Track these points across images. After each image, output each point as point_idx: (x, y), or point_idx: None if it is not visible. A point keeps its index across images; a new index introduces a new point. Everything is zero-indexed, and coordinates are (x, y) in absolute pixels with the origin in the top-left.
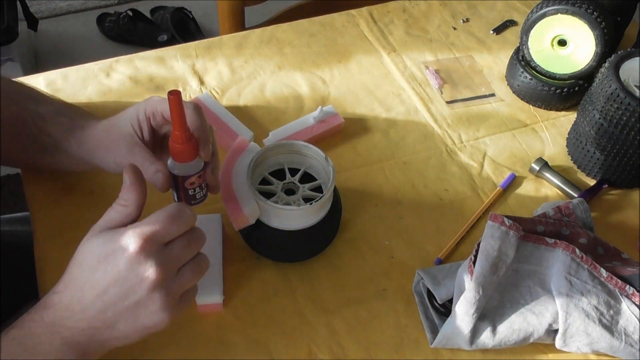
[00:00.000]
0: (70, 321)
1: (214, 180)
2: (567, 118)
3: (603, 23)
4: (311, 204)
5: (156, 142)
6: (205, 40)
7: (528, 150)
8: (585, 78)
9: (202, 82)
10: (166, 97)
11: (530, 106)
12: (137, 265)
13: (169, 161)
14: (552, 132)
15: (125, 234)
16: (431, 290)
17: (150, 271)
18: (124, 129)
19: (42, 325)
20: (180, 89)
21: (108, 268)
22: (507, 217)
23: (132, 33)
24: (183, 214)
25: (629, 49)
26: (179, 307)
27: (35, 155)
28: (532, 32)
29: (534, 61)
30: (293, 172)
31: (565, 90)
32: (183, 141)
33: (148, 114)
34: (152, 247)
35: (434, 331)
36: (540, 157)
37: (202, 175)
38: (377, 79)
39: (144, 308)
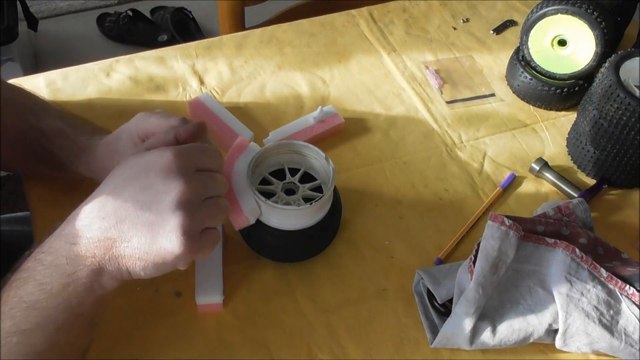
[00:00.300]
0: (88, 230)
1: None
2: (567, 118)
3: (603, 23)
4: (311, 204)
5: None
6: (205, 40)
7: (528, 150)
8: (585, 78)
9: (202, 82)
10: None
11: (530, 106)
12: (166, 176)
13: None
14: (552, 132)
15: (161, 149)
16: (431, 290)
17: (177, 184)
18: (124, 146)
19: (61, 238)
20: (181, 89)
21: (140, 178)
22: (507, 217)
23: (132, 33)
24: (213, 150)
25: (629, 49)
26: (198, 242)
27: (38, 167)
28: (532, 32)
29: (534, 61)
30: (293, 172)
31: (565, 90)
32: None
33: (141, 136)
34: (184, 164)
35: (434, 331)
36: (540, 157)
37: None
38: (377, 79)
39: (162, 224)
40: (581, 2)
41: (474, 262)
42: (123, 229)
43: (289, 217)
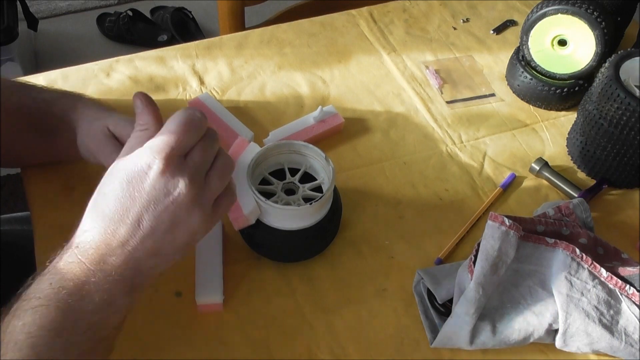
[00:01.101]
0: (112, 258)
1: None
2: (567, 118)
3: (603, 23)
4: (311, 204)
5: None
6: (205, 40)
7: (528, 150)
8: (585, 78)
9: (202, 82)
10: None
11: (530, 106)
12: (165, 185)
13: None
14: (552, 132)
15: (144, 154)
16: (431, 290)
17: (180, 187)
18: (107, 127)
19: (83, 267)
20: (181, 89)
21: (135, 193)
22: (507, 217)
23: (132, 33)
24: (194, 119)
25: (629, 49)
26: (216, 214)
27: (34, 142)
28: (532, 32)
29: (534, 61)
30: (293, 172)
31: (565, 90)
32: None
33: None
34: (174, 163)
35: (434, 331)
36: (540, 157)
37: None
38: (377, 79)
39: (183, 225)
40: (581, 2)
41: (474, 262)
42: (147, 247)
43: (288, 217)
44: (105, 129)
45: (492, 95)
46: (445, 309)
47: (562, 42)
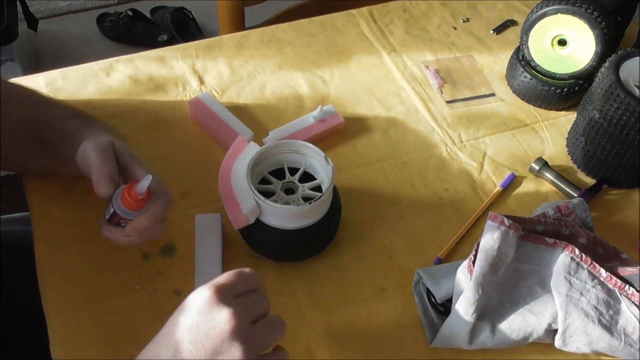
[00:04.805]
0: None
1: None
2: (567, 118)
3: (603, 23)
4: (310, 203)
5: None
6: (205, 40)
7: (528, 150)
8: (585, 78)
9: (202, 82)
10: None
11: (530, 106)
12: (210, 311)
13: (116, 199)
14: (552, 132)
15: (197, 289)
16: (431, 289)
17: (223, 314)
18: (109, 145)
19: None
20: (181, 89)
21: (181, 318)
22: (507, 216)
23: (132, 33)
24: (250, 274)
25: (629, 49)
26: None
27: (36, 154)
28: (532, 31)
29: (534, 61)
30: (293, 171)
31: (565, 90)
32: (139, 198)
33: (128, 169)
34: (223, 294)
35: (434, 331)
36: (540, 157)
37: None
38: (377, 79)
39: (223, 356)
40: (581, 2)
41: (474, 262)
42: None
43: (288, 216)
44: (111, 143)
45: (492, 95)
46: (444, 309)
47: (562, 42)
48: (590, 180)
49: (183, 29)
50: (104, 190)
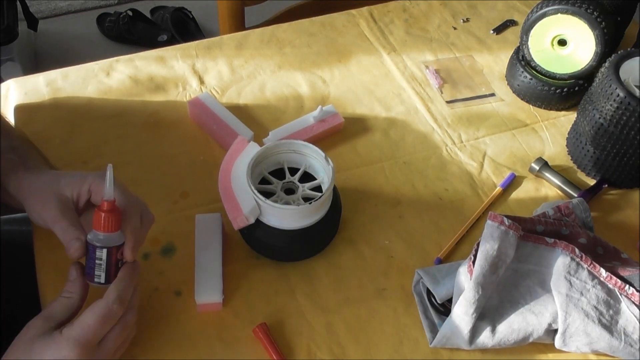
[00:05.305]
0: None
1: (131, 256)
2: (567, 118)
3: (603, 23)
4: (310, 203)
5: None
6: (205, 40)
7: (528, 150)
8: (585, 78)
9: (202, 82)
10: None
11: (530, 106)
12: None
13: (90, 234)
14: (552, 132)
15: (61, 343)
16: (431, 289)
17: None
18: (62, 191)
19: None
20: (181, 89)
21: None
22: (507, 216)
23: (132, 33)
24: (111, 313)
25: (629, 49)
26: None
27: None
28: (532, 32)
29: (534, 61)
30: (293, 171)
31: (565, 90)
32: (109, 209)
33: (92, 190)
34: (87, 353)
35: (434, 331)
36: (540, 157)
37: (120, 251)
38: (377, 79)
39: None
40: (581, 2)
41: (474, 262)
42: None
43: (288, 216)
44: (60, 199)
45: (492, 95)
46: (444, 309)
47: (562, 42)
48: (590, 180)
49: (183, 29)
50: (78, 253)
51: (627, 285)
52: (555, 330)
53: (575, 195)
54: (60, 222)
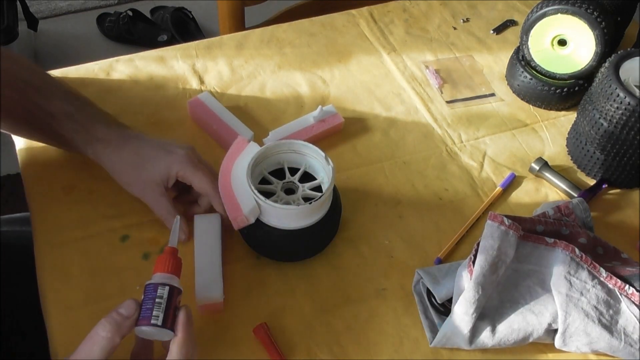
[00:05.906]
0: None
1: (221, 208)
2: (567, 118)
3: (603, 23)
4: (310, 203)
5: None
6: (206, 40)
7: (528, 150)
8: (585, 78)
9: (202, 82)
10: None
11: (530, 106)
12: None
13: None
14: (552, 132)
15: None
16: (431, 289)
17: None
18: (154, 177)
19: None
20: (181, 89)
21: None
22: (507, 216)
23: (132, 33)
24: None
25: (629, 49)
26: None
27: (44, 141)
28: (532, 32)
29: (534, 61)
30: (293, 171)
31: (565, 90)
32: (171, 253)
33: (179, 176)
34: None
35: (434, 331)
36: (540, 157)
37: (179, 298)
38: (377, 79)
39: None
40: (581, 2)
41: (474, 262)
42: None
43: (288, 216)
44: (162, 184)
45: (492, 95)
46: (444, 309)
47: (562, 42)
48: (590, 180)
49: (183, 29)
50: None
51: (627, 285)
52: (555, 330)
53: (575, 195)
54: (158, 210)
